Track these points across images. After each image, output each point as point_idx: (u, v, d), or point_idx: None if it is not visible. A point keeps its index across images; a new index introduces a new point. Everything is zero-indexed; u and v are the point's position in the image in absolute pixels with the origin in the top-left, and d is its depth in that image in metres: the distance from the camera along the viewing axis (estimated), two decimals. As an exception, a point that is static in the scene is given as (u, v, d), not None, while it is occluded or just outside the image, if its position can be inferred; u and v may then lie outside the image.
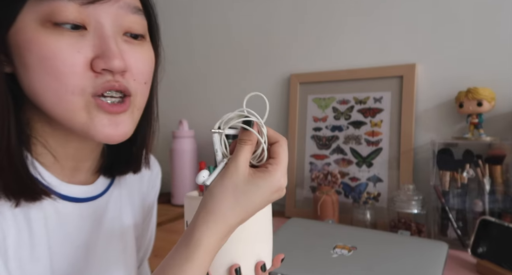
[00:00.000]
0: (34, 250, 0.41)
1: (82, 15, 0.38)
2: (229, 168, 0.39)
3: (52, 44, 0.37)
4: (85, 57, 0.38)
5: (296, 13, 1.24)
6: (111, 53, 0.39)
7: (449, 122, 1.02)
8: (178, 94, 1.51)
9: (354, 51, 1.15)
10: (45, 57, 0.37)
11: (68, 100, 0.39)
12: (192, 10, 1.46)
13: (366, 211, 0.97)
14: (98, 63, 0.38)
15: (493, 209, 0.86)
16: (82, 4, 0.38)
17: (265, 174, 0.39)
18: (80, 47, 0.38)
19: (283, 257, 0.47)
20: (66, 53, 0.37)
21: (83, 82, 0.39)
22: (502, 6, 0.95)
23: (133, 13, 0.42)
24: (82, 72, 0.38)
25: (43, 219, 0.43)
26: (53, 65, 0.37)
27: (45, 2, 0.37)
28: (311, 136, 1.19)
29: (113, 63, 0.38)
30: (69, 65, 0.38)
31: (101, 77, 0.39)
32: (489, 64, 0.97)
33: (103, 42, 0.39)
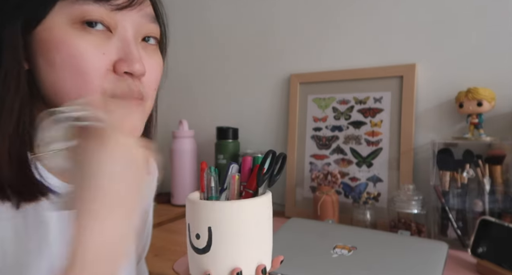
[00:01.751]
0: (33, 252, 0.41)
1: (110, 19, 0.41)
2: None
3: (81, 45, 0.39)
4: (109, 59, 0.41)
5: (296, 13, 1.24)
6: (133, 57, 0.41)
7: (449, 122, 1.02)
8: (178, 94, 1.51)
9: (354, 51, 1.15)
10: (73, 56, 0.39)
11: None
12: (192, 10, 1.46)
13: (366, 211, 0.97)
14: (121, 66, 0.41)
15: (493, 209, 0.86)
16: (112, 9, 0.40)
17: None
18: (106, 49, 0.41)
19: (283, 259, 0.47)
20: (93, 54, 0.40)
21: (105, 83, 0.41)
22: (502, 6, 0.95)
23: (152, 22, 0.45)
24: (105, 73, 0.41)
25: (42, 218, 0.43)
26: (80, 64, 0.39)
27: (77, 5, 0.39)
28: (311, 136, 1.19)
29: (135, 66, 0.41)
30: (94, 65, 0.40)
31: (121, 80, 0.42)
32: (489, 64, 0.97)
33: (126, 46, 0.42)
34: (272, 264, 0.47)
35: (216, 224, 0.42)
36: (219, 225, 0.42)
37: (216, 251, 0.43)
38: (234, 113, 1.37)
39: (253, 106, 1.33)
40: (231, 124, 1.30)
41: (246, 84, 1.35)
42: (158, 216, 1.17)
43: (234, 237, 0.43)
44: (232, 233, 0.43)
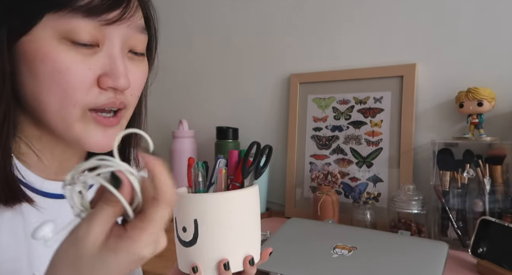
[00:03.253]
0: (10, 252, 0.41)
1: (98, 34, 0.40)
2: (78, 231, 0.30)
3: (67, 59, 0.39)
4: (94, 74, 0.41)
5: (296, 13, 1.24)
6: (118, 73, 0.41)
7: (449, 122, 1.02)
8: (178, 94, 1.51)
9: (354, 51, 1.15)
10: (58, 70, 0.39)
11: (69, 111, 0.40)
12: (192, 10, 1.46)
13: (366, 211, 0.97)
14: (106, 81, 0.41)
15: (493, 209, 0.86)
16: (101, 25, 0.40)
17: (123, 242, 0.29)
18: (92, 64, 0.40)
19: (271, 251, 0.48)
20: (78, 69, 0.39)
21: (87, 97, 0.41)
22: (502, 6, 0.95)
23: (139, 32, 0.44)
24: (89, 87, 0.40)
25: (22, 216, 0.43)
26: (64, 79, 0.39)
27: (65, 20, 0.38)
28: (311, 136, 1.19)
29: (120, 82, 0.41)
30: (79, 80, 0.40)
31: (105, 93, 0.42)
32: (489, 64, 0.97)
33: (112, 61, 0.41)
34: (261, 256, 0.47)
35: (202, 216, 0.42)
36: (204, 217, 0.42)
37: (203, 244, 0.43)
38: (234, 113, 1.37)
39: (253, 106, 1.33)
40: (231, 124, 1.29)
41: (246, 84, 1.35)
42: (158, 216, 1.16)
43: (220, 229, 0.43)
44: (218, 224, 0.43)
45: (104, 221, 0.29)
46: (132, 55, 0.45)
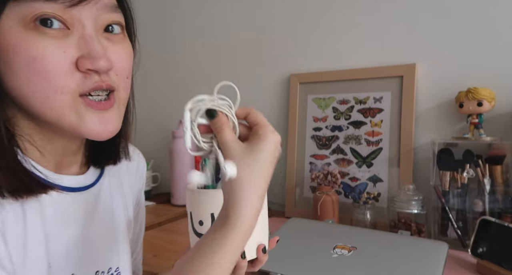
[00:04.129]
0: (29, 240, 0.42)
1: (65, 17, 0.39)
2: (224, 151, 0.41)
3: (39, 46, 0.38)
4: (71, 57, 0.39)
5: (296, 13, 1.24)
6: (96, 54, 0.40)
7: (449, 122, 1.02)
8: (178, 94, 1.51)
9: (354, 51, 1.15)
10: (33, 58, 0.38)
11: (56, 100, 0.39)
12: (192, 10, 1.46)
13: (366, 211, 0.97)
14: (84, 64, 0.39)
15: (493, 209, 0.86)
16: (65, 7, 0.39)
17: (258, 137, 0.41)
18: (65, 47, 0.39)
19: (278, 239, 0.51)
20: (53, 54, 0.38)
21: (71, 82, 0.39)
22: (502, 6, 0.95)
23: (112, 11, 0.43)
24: (69, 72, 0.39)
25: (39, 208, 0.44)
26: (41, 66, 0.38)
27: (27, 4, 0.37)
28: (311, 136, 1.19)
29: (99, 63, 0.40)
30: (57, 65, 0.38)
31: (89, 77, 0.40)
32: (489, 64, 0.97)
33: (87, 43, 0.40)
34: (269, 243, 0.50)
35: (218, 210, 0.43)
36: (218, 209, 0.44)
37: None
38: (234, 113, 1.37)
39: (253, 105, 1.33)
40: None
41: (246, 84, 1.35)
42: (158, 216, 1.17)
43: None
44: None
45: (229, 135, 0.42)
46: (109, 34, 0.43)
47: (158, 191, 1.49)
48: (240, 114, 0.44)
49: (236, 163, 0.40)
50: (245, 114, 0.44)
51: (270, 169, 0.41)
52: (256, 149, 0.41)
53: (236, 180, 0.40)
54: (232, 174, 0.40)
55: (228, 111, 0.44)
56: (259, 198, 0.40)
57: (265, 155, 0.41)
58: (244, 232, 0.39)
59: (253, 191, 0.39)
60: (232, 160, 0.40)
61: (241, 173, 0.40)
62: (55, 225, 0.45)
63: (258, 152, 0.40)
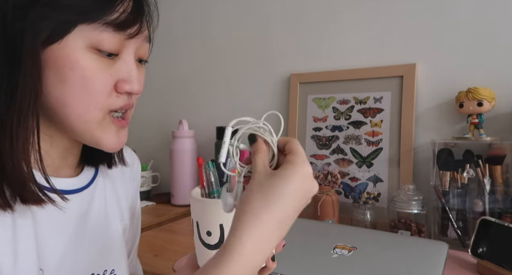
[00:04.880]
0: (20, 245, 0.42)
1: (120, 45, 0.45)
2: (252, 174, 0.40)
3: (94, 67, 0.43)
4: (114, 80, 0.45)
5: (296, 13, 1.24)
6: (134, 79, 0.46)
7: (449, 122, 1.02)
8: (178, 94, 1.51)
9: (354, 51, 1.15)
10: (85, 77, 0.43)
11: (92, 114, 0.44)
12: (192, 10, 1.46)
13: (366, 211, 0.97)
14: (123, 86, 0.45)
15: (493, 209, 0.86)
16: (126, 38, 0.45)
17: (286, 164, 0.38)
18: (113, 71, 0.45)
19: (284, 243, 0.50)
20: (102, 76, 0.44)
21: (108, 100, 0.45)
22: (502, 6, 0.95)
23: (146, 42, 0.49)
24: (109, 92, 0.45)
25: (30, 212, 0.44)
26: (90, 84, 0.43)
27: (96, 32, 0.42)
28: (311, 136, 1.19)
29: (135, 87, 0.46)
30: (103, 85, 0.44)
31: (121, 97, 0.46)
32: (489, 64, 0.97)
33: (129, 69, 0.46)
34: (276, 249, 0.48)
35: (228, 221, 0.42)
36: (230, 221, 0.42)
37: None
38: (234, 113, 1.37)
39: (253, 106, 1.33)
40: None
41: (246, 84, 1.35)
42: (158, 216, 1.17)
43: None
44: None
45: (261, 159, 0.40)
46: (138, 63, 0.49)
47: (158, 191, 1.50)
48: (280, 143, 0.43)
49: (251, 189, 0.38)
50: (285, 143, 0.42)
51: (291, 200, 0.37)
52: (279, 175, 0.37)
53: (244, 205, 0.37)
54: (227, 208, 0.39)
55: (269, 138, 0.43)
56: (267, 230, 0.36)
57: (288, 183, 0.37)
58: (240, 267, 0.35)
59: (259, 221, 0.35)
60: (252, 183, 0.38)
61: (250, 199, 0.37)
62: (47, 228, 0.45)
63: (280, 179, 0.37)
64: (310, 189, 0.38)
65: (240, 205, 0.38)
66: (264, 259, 0.37)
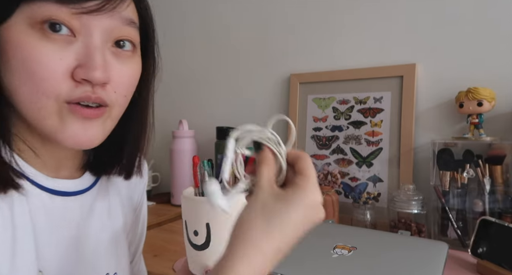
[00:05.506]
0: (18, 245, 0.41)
1: (73, 22, 0.38)
2: (254, 189, 0.37)
3: (38, 48, 0.38)
4: (67, 65, 0.39)
5: (296, 13, 1.24)
6: (93, 64, 0.39)
7: (449, 122, 1.02)
8: (178, 94, 1.51)
9: (354, 51, 1.15)
10: (29, 59, 0.37)
11: (42, 103, 0.39)
12: (192, 10, 1.46)
13: (366, 211, 0.97)
14: (78, 73, 0.39)
15: (493, 209, 0.86)
16: (77, 12, 0.38)
17: (294, 188, 0.36)
18: (64, 55, 0.38)
19: None
20: (49, 59, 0.38)
21: (60, 89, 0.39)
22: (502, 6, 0.95)
23: (125, 25, 0.42)
24: (61, 79, 0.38)
25: (29, 213, 0.43)
26: (34, 68, 0.38)
27: (39, 7, 0.37)
28: (311, 136, 1.19)
29: (94, 74, 0.39)
30: (50, 70, 0.38)
31: (80, 86, 0.39)
32: (489, 64, 0.97)
33: (88, 53, 0.39)
34: None
35: (214, 220, 0.41)
36: (217, 221, 0.42)
37: (216, 247, 0.43)
38: (234, 113, 1.37)
39: (253, 106, 1.33)
40: (231, 124, 1.29)
41: (246, 84, 1.35)
42: (158, 216, 1.17)
43: None
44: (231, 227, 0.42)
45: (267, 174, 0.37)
46: (118, 50, 0.42)
47: (158, 191, 1.50)
48: (289, 157, 0.40)
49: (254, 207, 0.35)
50: (295, 157, 0.39)
51: (294, 227, 0.35)
52: (286, 200, 0.35)
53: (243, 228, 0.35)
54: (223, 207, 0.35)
55: (276, 148, 0.39)
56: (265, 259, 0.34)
57: (293, 210, 0.35)
58: None
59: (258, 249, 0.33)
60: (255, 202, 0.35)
61: (251, 222, 0.34)
62: (47, 230, 0.44)
63: (286, 204, 0.35)
64: (316, 217, 0.37)
65: (239, 227, 0.35)
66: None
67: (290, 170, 0.39)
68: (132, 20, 0.43)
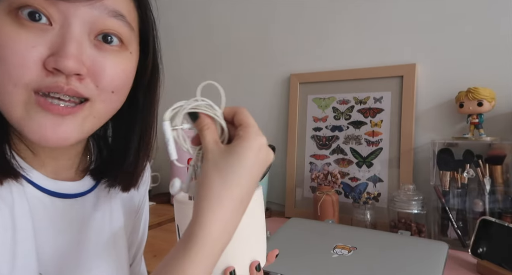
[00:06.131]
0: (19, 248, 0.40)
1: (50, 9, 0.37)
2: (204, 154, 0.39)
3: (9, 34, 0.36)
4: (39, 53, 0.36)
5: (296, 13, 1.24)
6: (66, 53, 0.36)
7: (449, 122, 1.02)
8: (178, 94, 1.51)
9: (354, 51, 1.15)
10: (2, 46, 0.36)
11: (9, 92, 0.37)
12: (192, 10, 1.46)
13: (366, 211, 0.97)
14: (49, 61, 0.36)
15: (493, 209, 0.86)
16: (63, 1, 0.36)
17: (239, 139, 0.38)
18: (37, 42, 0.36)
19: (278, 253, 0.47)
20: (20, 46, 0.36)
21: (30, 77, 0.37)
22: (502, 6, 0.95)
23: (111, 16, 0.40)
24: (32, 68, 0.36)
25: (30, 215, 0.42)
26: (6, 55, 0.36)
27: None
28: (311, 136, 1.19)
29: (65, 63, 0.36)
30: (20, 57, 0.36)
31: (52, 76, 0.37)
32: (489, 64, 0.97)
33: (62, 42, 0.37)
34: (268, 258, 0.46)
35: None
36: None
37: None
38: (234, 113, 1.37)
39: (253, 106, 1.33)
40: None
41: (246, 84, 1.35)
42: (158, 216, 1.16)
43: None
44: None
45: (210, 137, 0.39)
46: (101, 42, 0.40)
47: (158, 191, 1.49)
48: (227, 115, 0.42)
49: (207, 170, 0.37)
50: (232, 114, 0.41)
51: (249, 176, 0.36)
52: (234, 153, 0.37)
53: (203, 190, 0.36)
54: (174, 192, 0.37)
55: (211, 111, 0.41)
56: (231, 211, 0.36)
57: (244, 160, 0.36)
58: (208, 253, 0.34)
59: (221, 203, 0.35)
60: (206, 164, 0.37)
61: (209, 182, 0.36)
62: (47, 232, 0.44)
63: (235, 157, 0.36)
64: (266, 158, 0.38)
65: (199, 190, 0.37)
66: (229, 240, 0.36)
67: (231, 127, 0.41)
68: (118, 12, 0.40)
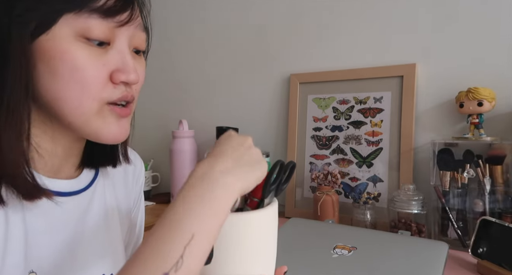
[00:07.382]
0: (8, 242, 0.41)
1: (111, 34, 0.43)
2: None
3: (84, 57, 0.42)
4: (108, 70, 0.43)
5: (296, 13, 1.24)
6: (129, 68, 0.45)
7: (449, 122, 1.02)
8: (178, 94, 1.51)
9: (354, 51, 1.15)
10: (75, 67, 0.41)
11: (87, 106, 0.43)
12: (192, 10, 1.46)
13: (366, 211, 0.97)
14: (118, 76, 0.44)
15: (493, 209, 0.86)
16: (115, 26, 0.43)
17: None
18: (105, 61, 0.43)
19: (286, 270, 0.49)
20: (94, 66, 0.42)
21: (103, 92, 0.43)
22: (502, 6, 0.95)
23: (142, 31, 0.48)
24: (104, 83, 0.43)
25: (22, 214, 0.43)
26: (82, 76, 0.42)
27: (83, 19, 0.41)
28: (311, 136, 1.19)
29: (131, 76, 0.45)
30: (95, 75, 0.42)
31: (118, 87, 0.45)
32: (489, 64, 0.97)
33: (123, 58, 0.45)
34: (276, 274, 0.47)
35: (219, 236, 0.39)
36: (221, 237, 0.39)
37: (217, 264, 0.41)
38: (234, 113, 1.37)
39: (253, 106, 1.33)
40: (231, 124, 1.30)
41: (246, 84, 1.35)
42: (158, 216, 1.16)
43: (236, 250, 0.41)
44: (234, 245, 0.41)
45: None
46: (135, 54, 0.48)
47: (158, 191, 1.50)
48: None
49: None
50: None
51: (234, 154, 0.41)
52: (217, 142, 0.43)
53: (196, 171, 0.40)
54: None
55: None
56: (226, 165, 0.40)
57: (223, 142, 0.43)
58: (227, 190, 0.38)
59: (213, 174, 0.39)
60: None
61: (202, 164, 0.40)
62: (42, 230, 0.45)
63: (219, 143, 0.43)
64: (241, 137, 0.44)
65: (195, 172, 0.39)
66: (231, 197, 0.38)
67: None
68: (145, 27, 0.49)
